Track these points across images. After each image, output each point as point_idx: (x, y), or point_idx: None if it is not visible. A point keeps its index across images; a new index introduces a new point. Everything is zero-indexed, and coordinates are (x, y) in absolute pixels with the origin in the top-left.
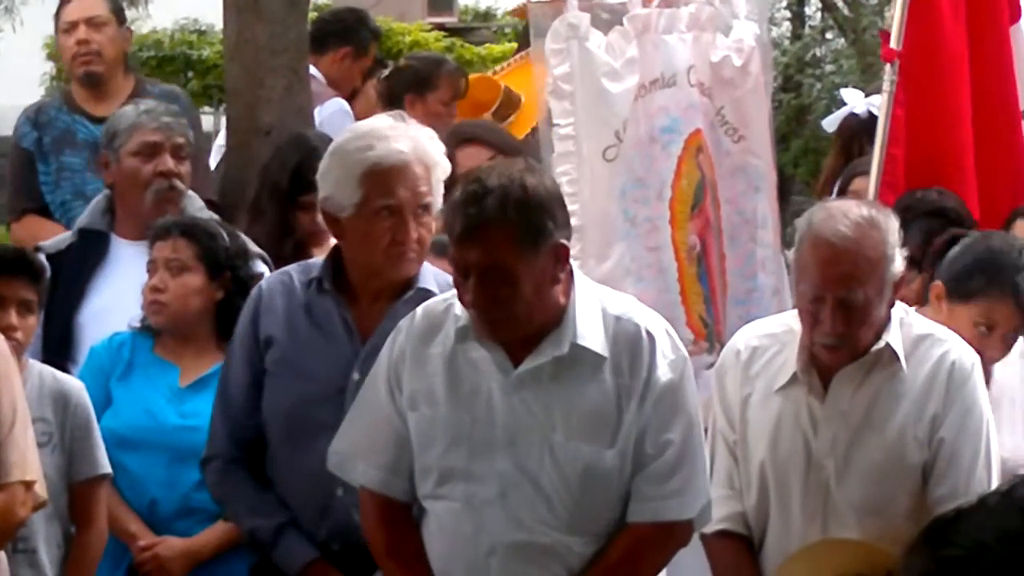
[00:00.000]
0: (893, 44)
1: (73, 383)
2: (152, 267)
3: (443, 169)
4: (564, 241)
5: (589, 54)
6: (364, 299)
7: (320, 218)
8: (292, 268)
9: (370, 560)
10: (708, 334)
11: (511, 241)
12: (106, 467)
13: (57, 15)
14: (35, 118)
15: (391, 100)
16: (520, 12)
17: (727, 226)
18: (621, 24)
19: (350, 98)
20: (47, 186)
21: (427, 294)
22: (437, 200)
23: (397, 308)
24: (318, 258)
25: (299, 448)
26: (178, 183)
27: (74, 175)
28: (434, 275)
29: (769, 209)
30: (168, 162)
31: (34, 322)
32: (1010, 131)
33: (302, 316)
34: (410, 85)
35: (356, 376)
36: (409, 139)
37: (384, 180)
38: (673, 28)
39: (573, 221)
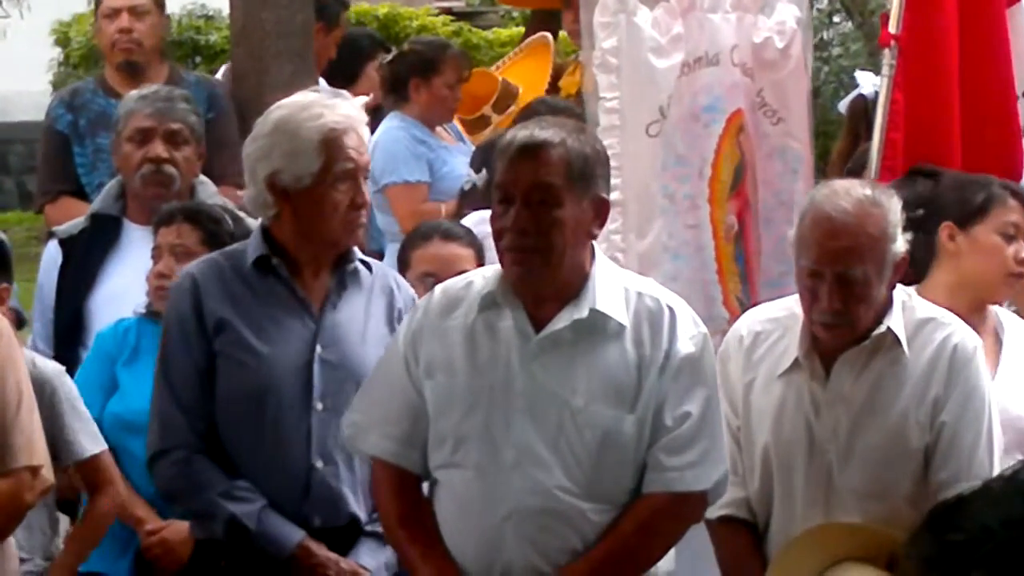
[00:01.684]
0: (892, 28)
1: (52, 368)
2: (157, 253)
3: (368, 136)
4: (606, 197)
5: (637, 28)
6: (306, 273)
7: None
8: (215, 254)
9: (350, 534)
10: (743, 314)
11: (565, 167)
12: (90, 450)
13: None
14: (70, 101)
15: (395, 84)
16: None
17: (763, 208)
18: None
19: (326, 73)
20: (83, 168)
21: (363, 264)
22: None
23: (345, 276)
24: (240, 243)
25: (269, 428)
26: (167, 168)
27: (110, 157)
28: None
29: (806, 192)
30: (158, 147)
31: None
32: (1006, 114)
33: (248, 297)
34: (415, 69)
35: (319, 349)
36: (347, 105)
37: (341, 144)
38: (718, 7)
39: (616, 195)
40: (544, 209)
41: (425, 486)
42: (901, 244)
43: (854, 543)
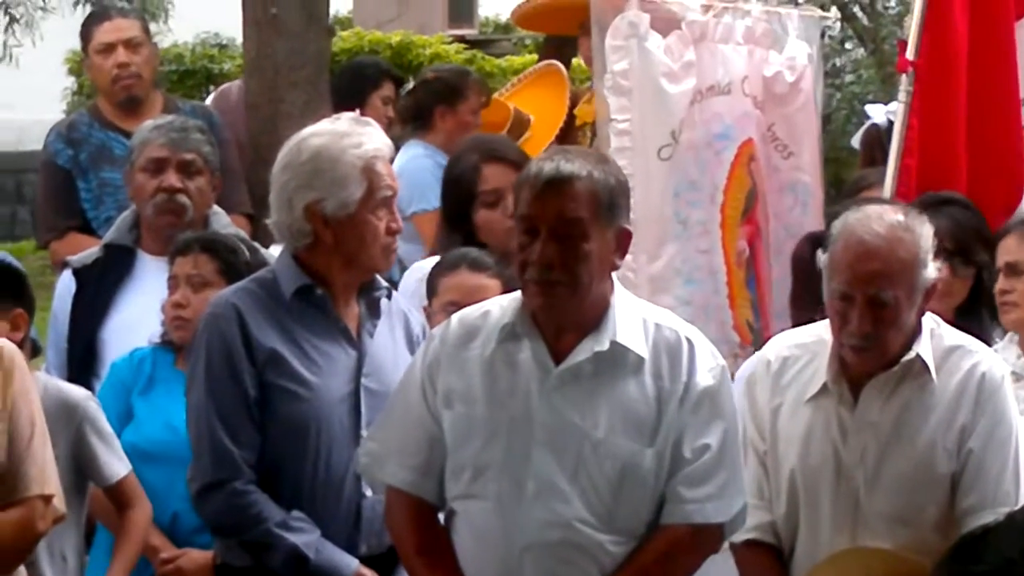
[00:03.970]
0: (909, 54)
1: (79, 394)
2: (173, 283)
3: None
4: (629, 228)
5: (648, 53)
6: (340, 301)
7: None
8: (246, 283)
9: (389, 561)
10: (755, 339)
11: (592, 200)
12: (119, 473)
13: (86, 34)
14: (67, 135)
15: (419, 112)
16: (523, 22)
17: (774, 240)
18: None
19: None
20: (88, 203)
21: (388, 291)
22: None
23: (374, 304)
24: (264, 271)
25: (321, 457)
26: (180, 198)
27: (116, 191)
28: (417, 276)
29: (815, 226)
30: (171, 178)
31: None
32: (1012, 136)
33: (294, 327)
34: (440, 97)
35: (364, 378)
36: (377, 132)
37: (380, 171)
38: (729, 39)
39: None
40: (571, 243)
41: (440, 516)
42: (932, 270)
43: (880, 568)
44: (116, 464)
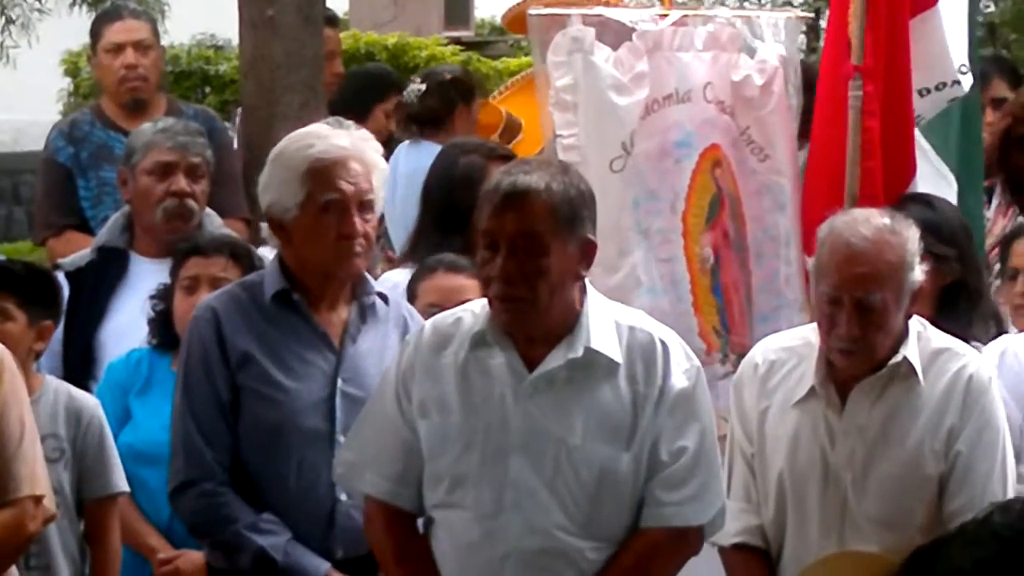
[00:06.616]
0: (855, 59)
1: (88, 400)
2: (192, 283)
3: (382, 171)
4: (592, 238)
5: (594, 67)
6: (322, 305)
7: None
8: (232, 287)
9: (369, 565)
10: (722, 345)
11: (550, 214)
12: (119, 486)
13: (96, 32)
14: (69, 132)
15: (438, 114)
16: (513, 25)
17: (753, 243)
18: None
19: (335, 105)
20: (87, 201)
21: (383, 297)
22: (379, 201)
23: (363, 309)
24: (254, 274)
25: (294, 462)
26: (190, 203)
27: (115, 190)
28: (387, 287)
29: (793, 227)
30: (181, 182)
31: (12, 328)
32: (905, 128)
33: (270, 330)
34: (461, 96)
35: (341, 383)
36: (347, 136)
37: (326, 175)
38: (688, 47)
39: None
40: (530, 257)
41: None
42: (918, 273)
43: (868, 572)
44: (117, 478)
